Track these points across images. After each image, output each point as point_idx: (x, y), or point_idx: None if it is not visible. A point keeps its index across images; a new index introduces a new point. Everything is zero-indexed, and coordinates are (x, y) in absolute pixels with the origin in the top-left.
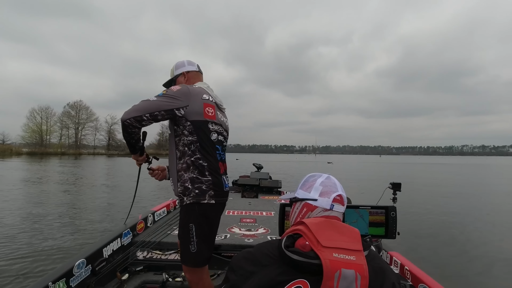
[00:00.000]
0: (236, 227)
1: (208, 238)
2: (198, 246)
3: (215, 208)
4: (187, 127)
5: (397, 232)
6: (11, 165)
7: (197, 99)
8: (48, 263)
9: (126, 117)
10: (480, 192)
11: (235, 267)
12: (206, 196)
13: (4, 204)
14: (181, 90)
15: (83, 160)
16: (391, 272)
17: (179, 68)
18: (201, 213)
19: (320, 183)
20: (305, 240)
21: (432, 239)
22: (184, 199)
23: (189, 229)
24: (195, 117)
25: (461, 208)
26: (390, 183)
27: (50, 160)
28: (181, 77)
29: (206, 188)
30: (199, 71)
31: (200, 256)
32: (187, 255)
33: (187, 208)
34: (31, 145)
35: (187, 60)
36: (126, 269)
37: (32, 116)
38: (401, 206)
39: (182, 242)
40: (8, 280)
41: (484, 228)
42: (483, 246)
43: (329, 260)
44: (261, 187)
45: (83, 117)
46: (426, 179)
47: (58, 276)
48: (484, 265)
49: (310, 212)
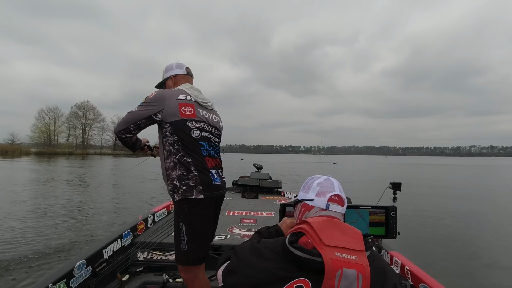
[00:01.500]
0: (236, 227)
1: (198, 237)
2: (189, 245)
3: (206, 204)
4: (167, 129)
5: (397, 232)
6: (20, 165)
7: (171, 102)
8: (48, 263)
9: (117, 130)
10: (484, 193)
11: (239, 252)
12: (194, 192)
13: (8, 204)
14: (156, 96)
15: (90, 160)
16: (392, 273)
17: (168, 72)
18: (190, 211)
19: (317, 184)
20: (308, 238)
21: (432, 239)
22: (174, 197)
23: (179, 228)
24: (171, 118)
25: (463, 208)
26: (390, 183)
27: (58, 160)
28: (169, 80)
29: (193, 184)
30: (188, 73)
31: (192, 254)
32: (179, 254)
33: (177, 206)
34: (40, 145)
35: (176, 63)
36: (127, 270)
37: (41, 116)
38: (403, 207)
39: (175, 241)
40: (9, 280)
41: (486, 228)
42: (484, 246)
43: (331, 259)
44: (261, 188)
45: (90, 118)
46: (429, 180)
47: (58, 277)
48: (485, 265)
49: (307, 211)
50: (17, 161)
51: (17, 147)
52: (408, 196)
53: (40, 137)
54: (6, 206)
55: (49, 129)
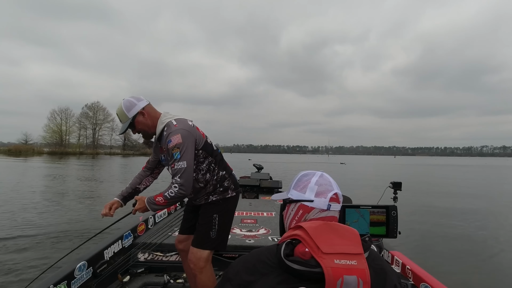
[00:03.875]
0: (237, 228)
1: (226, 227)
2: (218, 233)
3: (234, 199)
4: (200, 155)
5: (398, 232)
6: (33, 164)
7: (193, 129)
8: (49, 264)
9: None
10: (490, 194)
11: (232, 276)
12: (229, 192)
13: (13, 203)
14: (184, 135)
15: (100, 159)
16: (393, 273)
17: (133, 109)
18: (226, 206)
19: (315, 183)
20: (304, 246)
21: (433, 239)
22: (209, 197)
23: (212, 219)
24: (201, 143)
25: (464, 209)
26: (391, 183)
27: (69, 160)
28: (139, 116)
29: (227, 185)
30: (149, 102)
31: (219, 241)
32: (207, 240)
33: (213, 202)
34: (52, 145)
35: (133, 98)
36: (127, 271)
37: (53, 117)
38: (404, 207)
39: (204, 229)
40: (8, 280)
41: (489, 229)
42: (486, 246)
43: (331, 268)
44: (261, 188)
45: (100, 118)
46: (433, 181)
47: (59, 279)
48: (486, 265)
49: (306, 213)
50: (31, 160)
51: (30, 147)
52: (408, 195)
53: (52, 137)
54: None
55: (60, 129)
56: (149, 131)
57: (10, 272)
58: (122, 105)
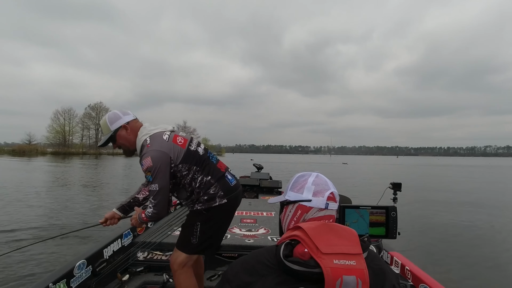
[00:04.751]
0: (236, 227)
1: (210, 236)
2: (199, 240)
3: (227, 205)
4: (182, 168)
5: (397, 232)
6: (37, 164)
7: (168, 145)
8: (49, 263)
9: (164, 214)
10: (489, 195)
11: (231, 277)
12: (217, 200)
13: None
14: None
15: (103, 160)
16: (391, 273)
17: (116, 122)
18: (209, 215)
19: (312, 183)
20: (303, 247)
21: (433, 239)
22: (194, 206)
23: (194, 226)
24: (179, 157)
25: (464, 209)
26: (391, 183)
27: (72, 160)
28: (122, 130)
29: (214, 192)
30: (135, 117)
31: (198, 248)
32: (186, 244)
33: (196, 211)
34: (55, 145)
35: (119, 111)
36: (127, 269)
37: (56, 117)
38: (405, 207)
39: (185, 233)
40: (8, 281)
41: (488, 229)
42: (486, 246)
43: (330, 268)
44: (261, 188)
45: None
46: (434, 181)
47: (58, 277)
48: (486, 264)
49: (305, 213)
50: (34, 160)
51: (33, 147)
52: (409, 195)
53: (56, 137)
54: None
55: (64, 130)
56: (130, 148)
57: (10, 272)
58: (106, 117)
